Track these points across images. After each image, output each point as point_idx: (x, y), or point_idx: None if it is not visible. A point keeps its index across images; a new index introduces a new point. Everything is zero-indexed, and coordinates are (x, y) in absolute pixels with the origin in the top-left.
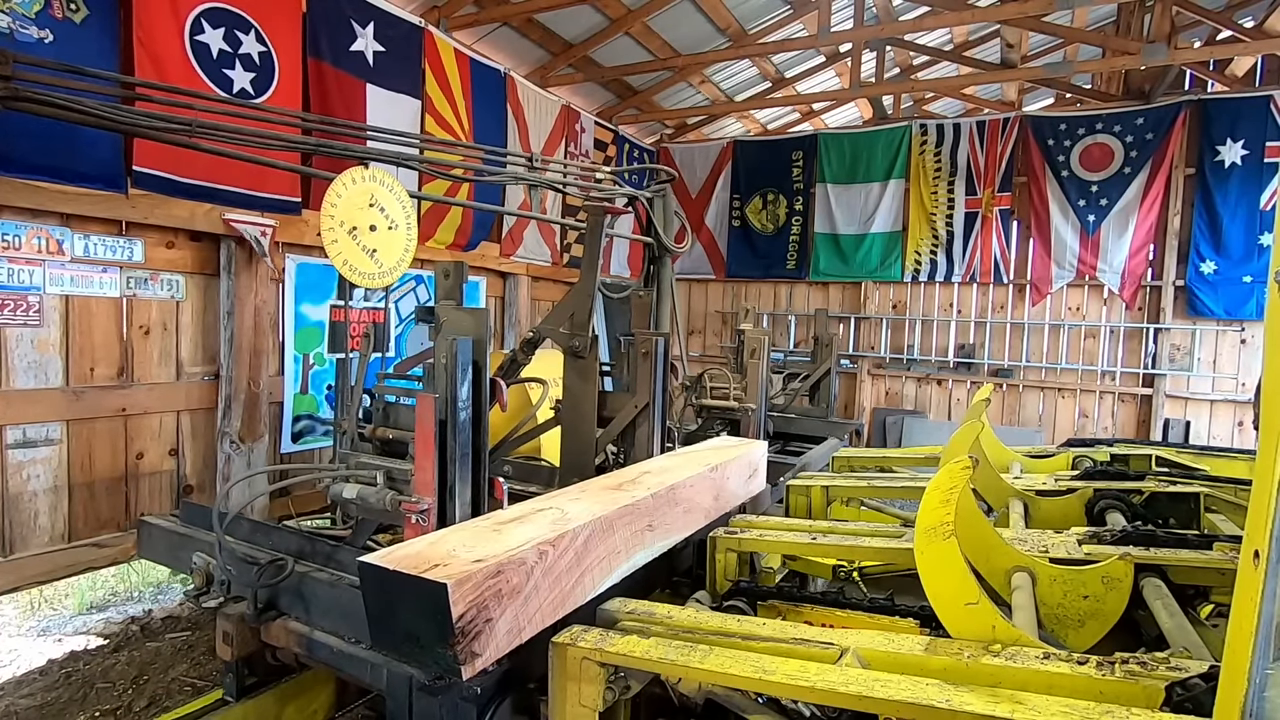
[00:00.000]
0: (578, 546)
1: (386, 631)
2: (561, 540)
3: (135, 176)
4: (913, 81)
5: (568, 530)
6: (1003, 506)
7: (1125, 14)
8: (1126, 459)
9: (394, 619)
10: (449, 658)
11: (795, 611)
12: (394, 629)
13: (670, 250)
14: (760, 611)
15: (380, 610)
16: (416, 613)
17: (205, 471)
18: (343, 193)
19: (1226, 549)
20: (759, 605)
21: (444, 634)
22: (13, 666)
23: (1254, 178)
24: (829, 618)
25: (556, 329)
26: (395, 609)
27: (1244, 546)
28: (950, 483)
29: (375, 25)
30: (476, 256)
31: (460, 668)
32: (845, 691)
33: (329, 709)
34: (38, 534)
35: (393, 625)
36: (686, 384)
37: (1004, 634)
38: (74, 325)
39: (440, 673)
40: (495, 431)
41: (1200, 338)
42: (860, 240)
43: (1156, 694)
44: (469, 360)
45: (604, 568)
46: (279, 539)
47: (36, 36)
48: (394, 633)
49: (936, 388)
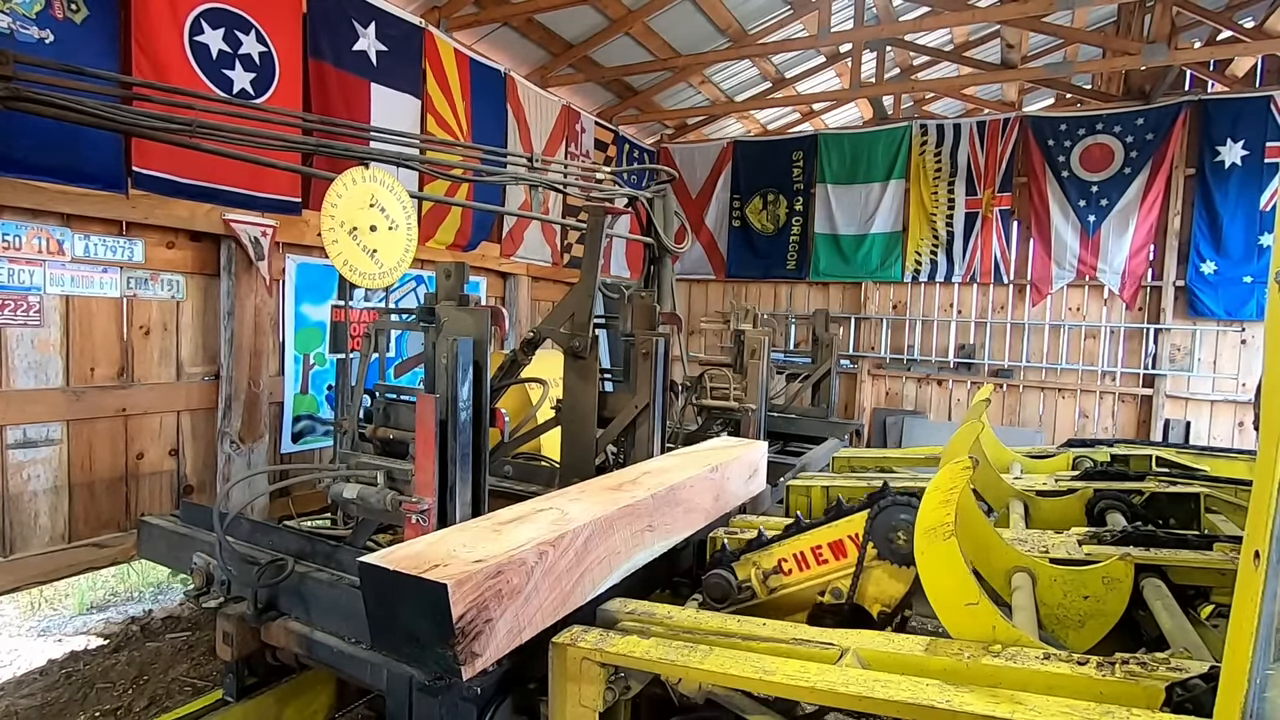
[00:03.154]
0: (578, 547)
1: (386, 632)
2: (562, 540)
3: (135, 177)
4: (913, 82)
5: (568, 530)
6: (1003, 507)
7: (1125, 14)
8: (1127, 459)
9: (394, 619)
10: (449, 658)
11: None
12: (394, 629)
13: (670, 250)
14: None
15: (380, 610)
16: (417, 613)
17: (205, 471)
18: (343, 193)
19: (1227, 549)
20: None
21: (444, 634)
22: (13, 666)
23: (1254, 178)
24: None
25: (557, 329)
26: (395, 609)
27: (1244, 547)
28: (950, 483)
29: (376, 25)
30: (477, 257)
31: (460, 668)
32: (845, 692)
33: (329, 709)
34: (38, 534)
35: (393, 625)
36: (687, 384)
37: (1004, 634)
38: (74, 325)
39: (440, 673)
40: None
41: (1200, 338)
42: (860, 240)
43: (1157, 694)
44: (469, 360)
45: (604, 568)
46: (279, 539)
47: (37, 37)
48: (394, 633)
49: (937, 388)
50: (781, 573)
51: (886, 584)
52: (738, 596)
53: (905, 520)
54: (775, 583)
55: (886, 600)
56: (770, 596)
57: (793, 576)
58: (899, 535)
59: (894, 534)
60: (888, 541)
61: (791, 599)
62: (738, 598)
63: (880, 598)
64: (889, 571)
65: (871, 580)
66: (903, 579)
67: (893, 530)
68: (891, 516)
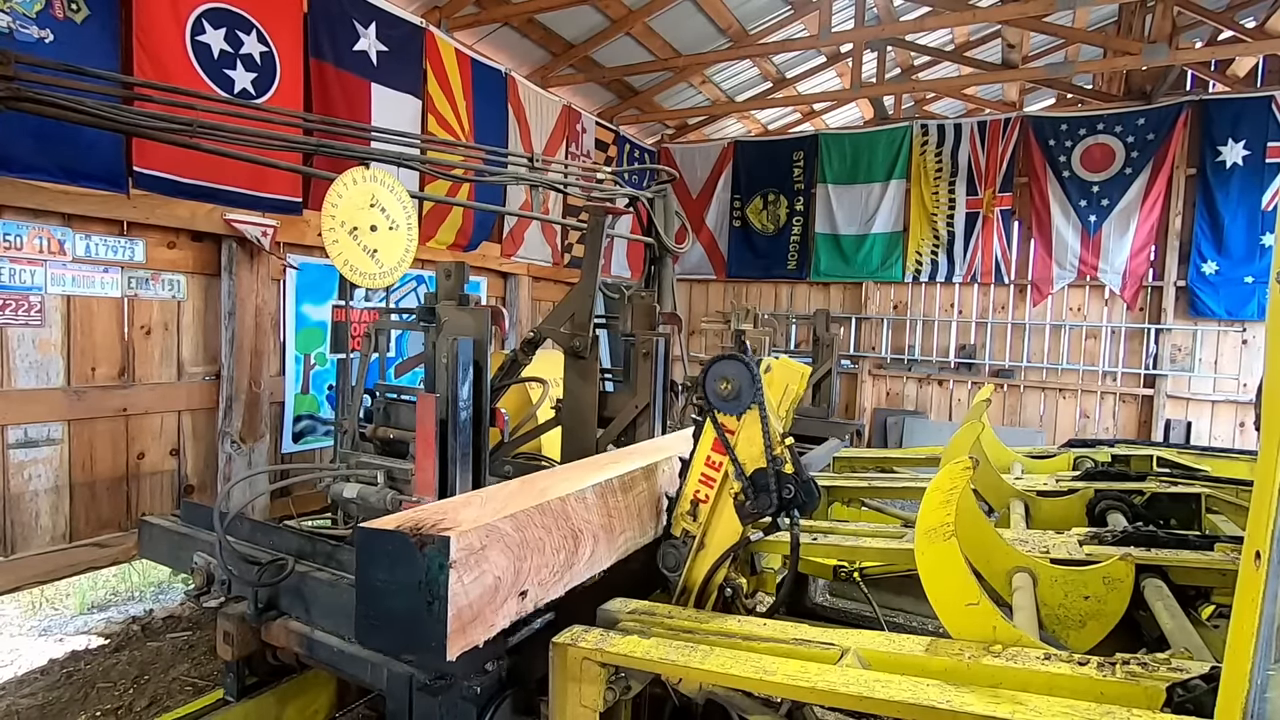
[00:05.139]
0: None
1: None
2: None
3: (136, 177)
4: (914, 82)
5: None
6: (1003, 507)
7: (1126, 14)
8: (1127, 459)
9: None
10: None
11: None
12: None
13: (671, 250)
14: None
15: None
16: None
17: (206, 471)
18: (344, 193)
19: (1228, 550)
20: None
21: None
22: (14, 666)
23: (1255, 178)
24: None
25: (557, 329)
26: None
27: (1245, 547)
28: (951, 483)
29: (377, 25)
30: (477, 257)
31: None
32: (845, 692)
33: (329, 709)
34: (39, 534)
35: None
36: (687, 384)
37: (1005, 635)
38: (75, 325)
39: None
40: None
41: (1201, 338)
42: (861, 240)
43: (1157, 695)
44: (469, 360)
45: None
46: (279, 539)
47: (37, 36)
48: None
49: (937, 388)
50: (701, 502)
51: (747, 434)
52: (684, 552)
53: (727, 370)
54: (701, 514)
55: (758, 451)
56: (705, 530)
57: (709, 500)
58: (721, 384)
59: (719, 385)
60: (716, 394)
61: (722, 519)
62: (684, 553)
63: (752, 453)
64: (734, 424)
65: (739, 444)
66: (751, 423)
67: (718, 382)
68: (716, 371)
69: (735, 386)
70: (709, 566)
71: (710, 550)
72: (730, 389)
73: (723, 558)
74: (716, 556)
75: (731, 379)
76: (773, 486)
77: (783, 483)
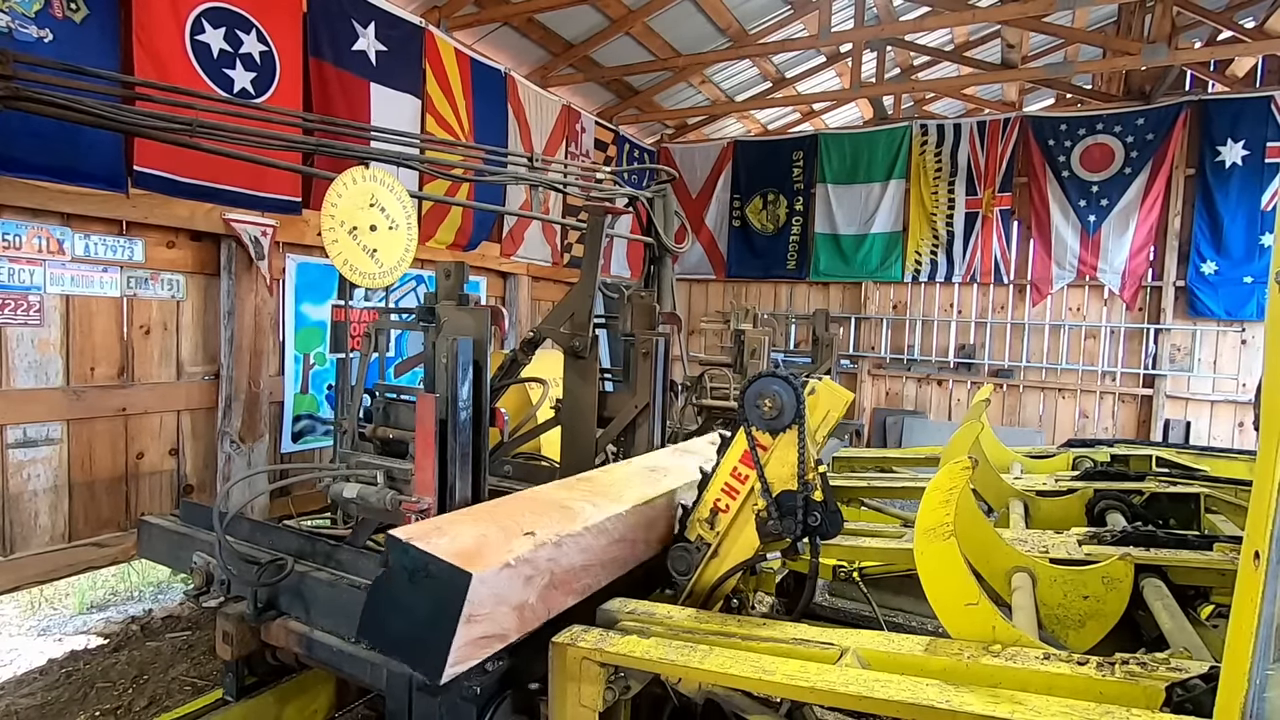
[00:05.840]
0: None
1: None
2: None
3: (136, 176)
4: (913, 82)
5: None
6: (1003, 507)
7: (1126, 14)
8: (1127, 459)
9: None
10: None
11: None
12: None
13: (670, 250)
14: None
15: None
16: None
17: (205, 471)
18: (343, 192)
19: (1227, 550)
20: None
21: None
22: (13, 666)
23: (1255, 178)
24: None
25: (557, 329)
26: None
27: (1244, 547)
28: (950, 483)
29: (376, 25)
30: (477, 256)
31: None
32: (845, 692)
33: (329, 709)
34: (38, 533)
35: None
36: (687, 384)
37: (1004, 634)
38: (74, 325)
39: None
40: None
41: (1201, 338)
42: (860, 240)
43: (1156, 695)
44: (469, 360)
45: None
46: (279, 539)
47: (36, 36)
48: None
49: (937, 388)
50: (721, 511)
51: (780, 454)
52: (696, 558)
53: (772, 388)
54: (720, 523)
55: (789, 473)
56: (722, 539)
57: (730, 510)
58: (764, 401)
59: (761, 402)
60: (756, 409)
61: (742, 532)
62: (696, 559)
63: (782, 474)
64: (769, 442)
65: (771, 463)
66: (787, 444)
67: (760, 399)
68: (759, 388)
69: (778, 405)
70: (721, 575)
71: (724, 560)
72: (772, 407)
73: (736, 569)
74: (730, 566)
75: (775, 397)
76: (800, 512)
77: (810, 509)
